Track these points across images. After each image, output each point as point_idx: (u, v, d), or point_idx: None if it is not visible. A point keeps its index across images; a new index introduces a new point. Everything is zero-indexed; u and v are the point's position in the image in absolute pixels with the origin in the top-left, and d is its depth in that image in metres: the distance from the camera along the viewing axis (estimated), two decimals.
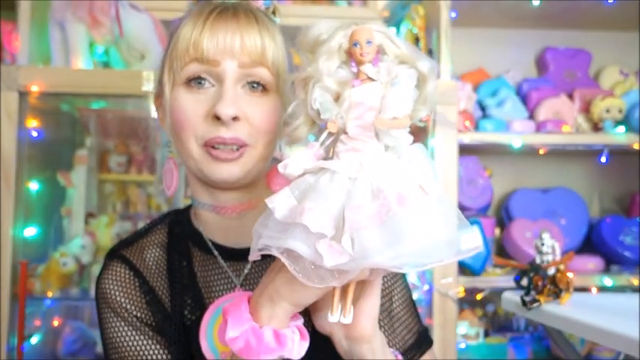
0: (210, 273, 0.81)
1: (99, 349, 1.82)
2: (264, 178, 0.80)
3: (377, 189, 0.55)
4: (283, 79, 0.77)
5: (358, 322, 0.64)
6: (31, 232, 1.62)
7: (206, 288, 0.81)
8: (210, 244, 0.82)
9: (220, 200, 0.79)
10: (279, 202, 0.58)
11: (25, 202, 1.58)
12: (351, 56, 0.58)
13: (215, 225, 0.82)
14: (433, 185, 0.57)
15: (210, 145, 0.73)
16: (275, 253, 0.57)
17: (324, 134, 0.59)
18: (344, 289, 0.61)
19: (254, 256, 0.59)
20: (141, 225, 1.82)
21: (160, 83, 0.79)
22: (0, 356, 1.47)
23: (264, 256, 0.60)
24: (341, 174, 0.57)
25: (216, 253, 0.82)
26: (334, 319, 0.60)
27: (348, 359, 0.68)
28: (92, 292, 1.67)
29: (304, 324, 0.66)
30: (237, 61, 0.73)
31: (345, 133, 0.58)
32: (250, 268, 0.82)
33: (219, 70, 0.73)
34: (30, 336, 1.65)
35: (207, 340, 0.74)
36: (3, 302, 1.47)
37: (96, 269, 1.69)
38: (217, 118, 0.71)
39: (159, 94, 0.81)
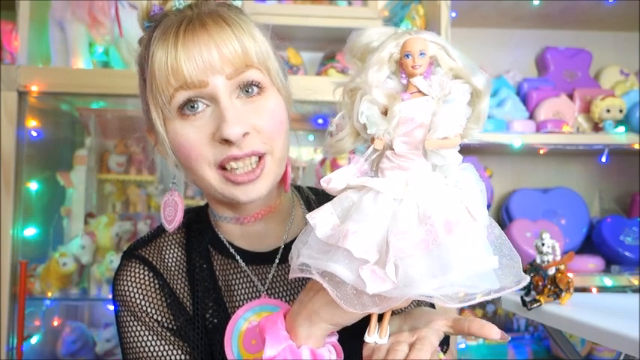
0: (232, 277, 0.80)
1: (98, 349, 1.81)
2: (280, 180, 0.79)
3: (423, 214, 0.53)
4: (275, 71, 0.74)
5: None
6: (30, 232, 1.62)
7: (228, 292, 0.80)
8: (231, 249, 0.81)
9: (242, 212, 0.79)
10: (321, 219, 0.56)
11: (24, 202, 1.57)
12: (401, 67, 0.55)
13: (237, 232, 0.81)
14: (481, 211, 0.54)
15: (224, 167, 0.70)
16: (316, 276, 0.55)
17: (370, 149, 0.56)
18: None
19: (294, 274, 0.58)
20: (141, 225, 1.83)
21: (149, 119, 0.75)
22: (0, 356, 1.47)
23: (288, 260, 0.59)
24: (385, 194, 0.54)
25: (238, 257, 0.81)
26: (371, 339, 0.59)
27: None
28: (92, 292, 1.68)
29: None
30: (222, 75, 0.69)
31: (392, 149, 0.55)
32: (274, 272, 0.81)
33: (208, 90, 0.69)
34: (30, 336, 1.65)
35: (231, 346, 0.73)
36: (3, 302, 1.47)
37: (95, 269, 1.69)
38: (226, 140, 0.68)
39: (150, 129, 0.78)
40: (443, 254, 0.52)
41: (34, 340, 1.69)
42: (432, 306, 0.81)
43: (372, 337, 0.59)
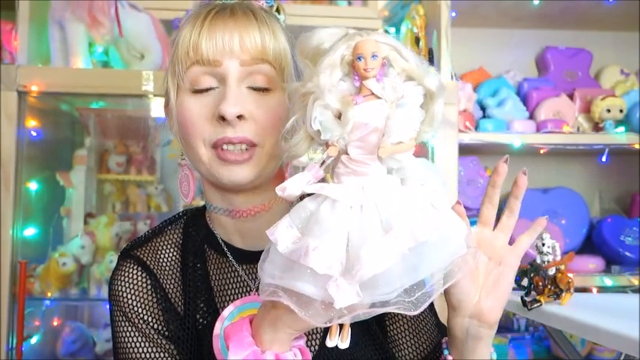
0: (225, 276, 0.81)
1: (98, 349, 1.81)
2: (277, 179, 0.79)
3: (387, 223, 0.52)
4: (288, 74, 0.76)
5: (497, 309, 0.68)
6: (30, 232, 1.62)
7: (220, 291, 0.80)
8: (224, 247, 0.81)
9: (234, 204, 0.78)
10: (281, 234, 0.55)
11: (24, 202, 1.57)
12: (354, 69, 0.54)
13: (231, 228, 0.81)
14: (444, 201, 0.55)
15: (218, 147, 0.72)
16: (284, 299, 0.55)
17: (324, 155, 0.55)
18: None
19: (264, 297, 0.57)
20: (141, 225, 1.83)
21: (166, 92, 0.79)
22: (0, 356, 1.47)
23: None
24: (342, 202, 0.54)
25: (229, 255, 0.81)
26: (332, 343, 0.58)
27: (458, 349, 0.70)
28: (91, 292, 1.68)
29: (307, 342, 0.66)
30: (237, 60, 0.72)
31: (347, 153, 0.55)
32: None
33: (220, 70, 0.72)
34: (29, 336, 1.65)
35: (220, 341, 0.73)
36: (2, 302, 1.47)
37: (95, 269, 1.69)
38: (223, 118, 0.71)
39: (167, 103, 0.80)
40: (410, 261, 0.52)
41: (33, 340, 1.69)
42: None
43: (333, 341, 0.59)
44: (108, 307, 0.81)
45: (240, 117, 0.71)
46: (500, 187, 0.71)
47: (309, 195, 0.57)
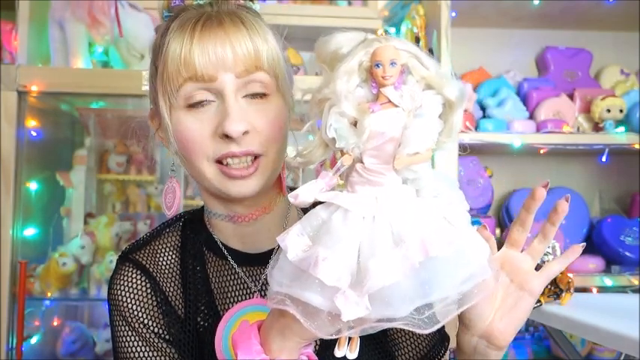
0: (225, 278, 0.81)
1: (98, 349, 1.81)
2: (276, 182, 0.79)
3: (398, 234, 0.51)
4: (283, 77, 0.75)
5: (509, 333, 0.64)
6: (30, 232, 1.62)
7: (220, 294, 0.80)
8: (224, 250, 0.81)
9: (236, 211, 0.78)
10: (291, 241, 0.54)
11: (24, 202, 1.57)
12: (372, 76, 0.53)
13: (230, 232, 0.81)
14: (461, 216, 0.53)
15: (222, 162, 0.71)
16: (291, 308, 0.54)
17: (339, 163, 0.54)
18: None
19: (272, 304, 0.56)
20: (141, 225, 1.83)
21: (155, 104, 0.76)
22: (0, 356, 1.47)
23: None
24: (354, 212, 0.53)
25: (230, 258, 0.81)
26: (340, 353, 0.58)
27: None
28: (91, 292, 1.68)
29: (315, 348, 0.65)
30: (232, 73, 0.70)
31: (361, 162, 0.53)
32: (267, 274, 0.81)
33: (216, 85, 0.70)
34: (29, 336, 1.65)
35: (222, 343, 0.73)
36: (2, 302, 1.47)
37: (95, 269, 1.69)
38: (227, 135, 0.69)
39: (154, 115, 0.79)
40: (422, 277, 0.50)
41: (33, 340, 1.69)
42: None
43: (342, 351, 0.58)
44: (107, 310, 0.81)
45: (244, 132, 0.70)
46: (534, 213, 0.68)
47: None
